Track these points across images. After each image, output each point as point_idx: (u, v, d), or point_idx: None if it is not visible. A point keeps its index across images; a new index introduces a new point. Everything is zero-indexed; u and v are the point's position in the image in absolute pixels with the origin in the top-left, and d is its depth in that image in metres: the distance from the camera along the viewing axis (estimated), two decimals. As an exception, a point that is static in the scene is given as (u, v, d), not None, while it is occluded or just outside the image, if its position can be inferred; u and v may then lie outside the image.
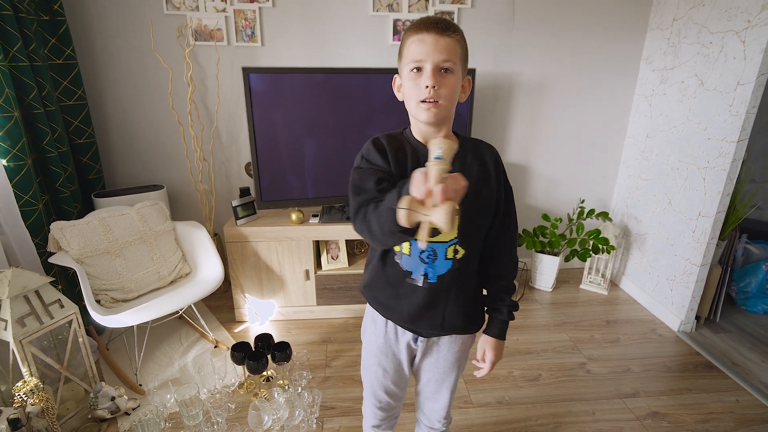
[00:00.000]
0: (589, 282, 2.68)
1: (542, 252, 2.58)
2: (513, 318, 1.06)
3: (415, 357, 1.10)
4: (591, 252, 2.47)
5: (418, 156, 0.92)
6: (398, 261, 0.97)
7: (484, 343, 1.07)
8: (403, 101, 0.94)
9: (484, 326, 1.08)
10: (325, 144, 2.16)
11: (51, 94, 1.93)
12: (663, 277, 2.36)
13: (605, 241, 2.44)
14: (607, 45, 2.46)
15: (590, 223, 2.72)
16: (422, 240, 0.65)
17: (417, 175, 0.66)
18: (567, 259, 2.55)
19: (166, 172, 2.44)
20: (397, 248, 0.97)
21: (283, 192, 2.19)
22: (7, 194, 1.65)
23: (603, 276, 2.65)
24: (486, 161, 0.97)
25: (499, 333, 1.06)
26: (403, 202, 0.65)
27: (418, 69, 0.87)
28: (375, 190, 0.85)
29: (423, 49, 0.85)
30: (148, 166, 2.42)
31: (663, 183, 2.36)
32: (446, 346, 1.08)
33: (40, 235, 1.81)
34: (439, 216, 0.62)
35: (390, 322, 1.05)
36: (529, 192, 2.73)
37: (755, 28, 1.81)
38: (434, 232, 0.66)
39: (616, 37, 2.45)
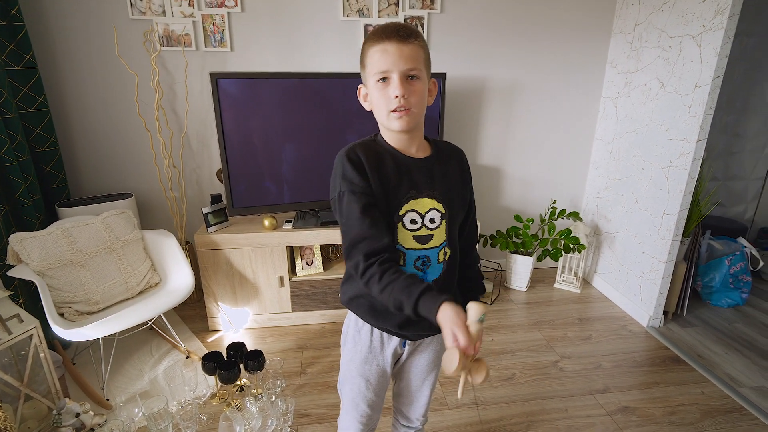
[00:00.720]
0: (563, 281, 2.73)
1: (516, 252, 2.62)
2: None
3: (398, 361, 1.09)
4: (562, 251, 2.52)
5: (399, 163, 0.92)
6: None
7: None
8: (370, 110, 0.93)
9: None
10: (297, 149, 2.14)
11: (9, 101, 1.87)
12: (632, 274, 2.43)
13: (576, 240, 2.49)
14: (574, 49, 2.53)
15: (562, 223, 2.78)
16: (462, 393, 0.76)
17: (459, 326, 0.73)
18: (539, 259, 2.60)
19: (134, 179, 2.38)
20: None
21: (255, 198, 2.16)
22: (-38, 206, 1.58)
23: (576, 275, 2.70)
24: (460, 162, 1.01)
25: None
26: (457, 357, 0.72)
27: (385, 79, 0.86)
28: (367, 225, 0.86)
29: (387, 59, 0.84)
30: (115, 174, 2.36)
31: (630, 183, 2.43)
32: (431, 344, 1.08)
33: (-2, 247, 1.74)
34: (481, 375, 0.75)
35: (376, 331, 1.02)
36: (503, 193, 2.77)
37: (709, 33, 1.88)
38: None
39: (583, 41, 2.52)
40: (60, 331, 1.55)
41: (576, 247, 2.51)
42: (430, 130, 2.27)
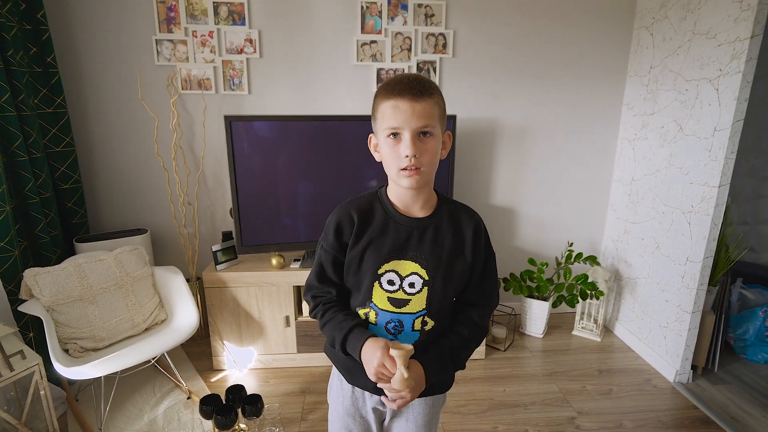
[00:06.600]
0: (582, 328, 2.59)
1: (531, 297, 2.52)
2: (454, 370, 0.95)
3: (384, 420, 1.05)
4: (579, 298, 2.41)
5: (389, 222, 0.90)
6: None
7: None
8: (381, 161, 0.90)
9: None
10: (307, 190, 2.16)
11: (38, 141, 1.97)
12: (656, 324, 2.28)
13: (593, 286, 2.38)
14: (589, 90, 2.51)
15: (579, 268, 2.67)
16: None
17: (380, 364, 0.82)
18: (555, 305, 2.48)
19: (150, 216, 2.45)
20: (362, 316, 0.94)
21: (264, 237, 2.17)
22: (-19, 242, 1.65)
23: (596, 321, 2.57)
24: (462, 230, 0.93)
25: (430, 362, 0.90)
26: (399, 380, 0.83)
27: (396, 134, 0.83)
28: (321, 277, 0.96)
29: (399, 116, 0.80)
30: (133, 210, 2.43)
31: (650, 227, 2.33)
32: (417, 407, 1.03)
33: (14, 281, 1.79)
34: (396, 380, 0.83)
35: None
36: (516, 235, 2.71)
37: (727, 77, 1.83)
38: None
39: (598, 83, 2.50)
40: (61, 369, 1.56)
41: (594, 293, 2.40)
42: (440, 170, 2.25)
